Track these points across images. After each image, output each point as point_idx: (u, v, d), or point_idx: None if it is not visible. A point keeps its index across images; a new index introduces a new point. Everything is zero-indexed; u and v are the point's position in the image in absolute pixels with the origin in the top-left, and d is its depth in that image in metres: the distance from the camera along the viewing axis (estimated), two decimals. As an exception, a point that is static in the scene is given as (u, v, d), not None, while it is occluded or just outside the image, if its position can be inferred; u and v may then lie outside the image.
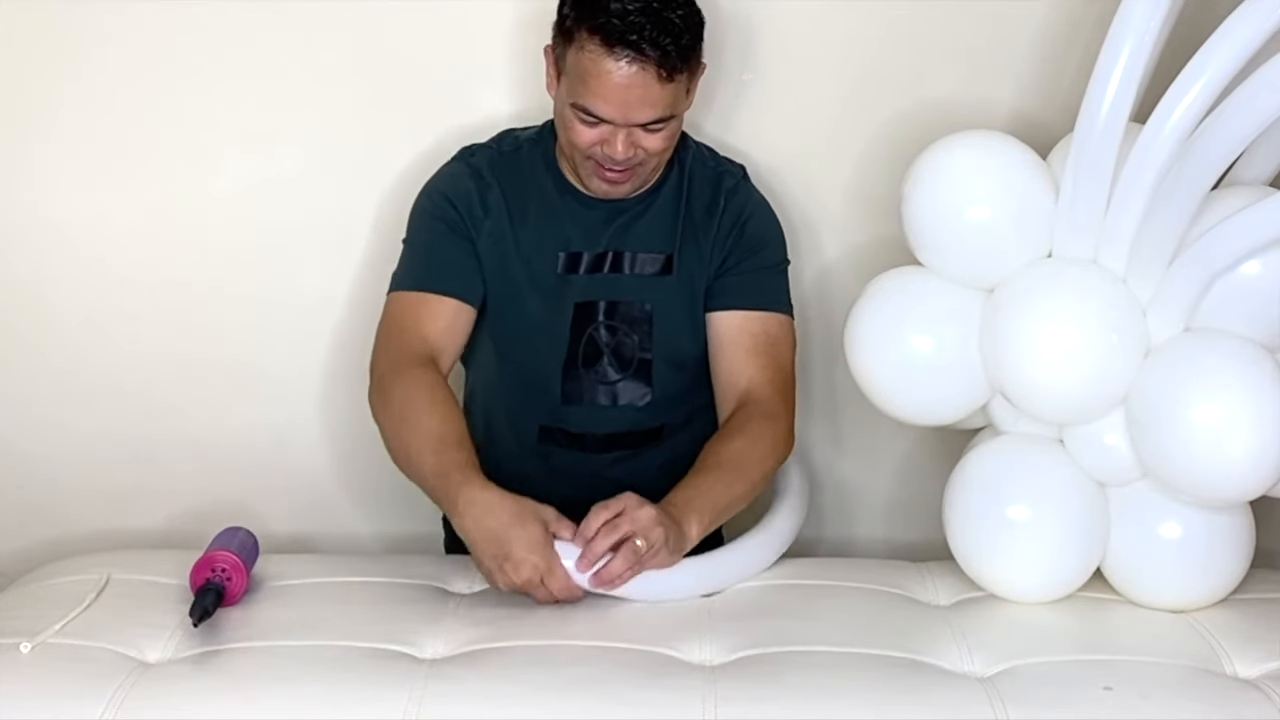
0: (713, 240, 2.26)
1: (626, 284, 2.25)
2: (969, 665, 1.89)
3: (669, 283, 2.25)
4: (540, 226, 2.23)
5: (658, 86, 2.05)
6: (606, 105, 2.06)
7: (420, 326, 2.18)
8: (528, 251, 2.23)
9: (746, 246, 2.27)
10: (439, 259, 2.22)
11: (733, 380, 2.24)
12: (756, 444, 2.18)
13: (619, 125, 2.08)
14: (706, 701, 1.75)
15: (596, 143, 2.11)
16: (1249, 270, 1.97)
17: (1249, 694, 1.83)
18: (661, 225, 2.25)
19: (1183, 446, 1.96)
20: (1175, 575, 2.06)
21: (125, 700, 1.74)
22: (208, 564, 1.97)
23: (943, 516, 2.16)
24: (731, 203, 2.27)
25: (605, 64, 2.03)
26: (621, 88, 2.05)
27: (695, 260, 2.26)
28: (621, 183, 2.17)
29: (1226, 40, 1.88)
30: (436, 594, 2.07)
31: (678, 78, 2.07)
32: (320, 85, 2.48)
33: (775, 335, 2.27)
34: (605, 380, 2.27)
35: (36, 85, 2.45)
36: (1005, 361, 2.06)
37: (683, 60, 2.06)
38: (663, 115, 2.09)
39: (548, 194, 2.24)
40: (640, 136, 2.10)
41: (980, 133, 2.17)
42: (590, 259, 2.24)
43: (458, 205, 2.22)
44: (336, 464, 2.60)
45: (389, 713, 1.72)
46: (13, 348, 2.56)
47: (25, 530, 2.60)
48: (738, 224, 2.27)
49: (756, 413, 2.20)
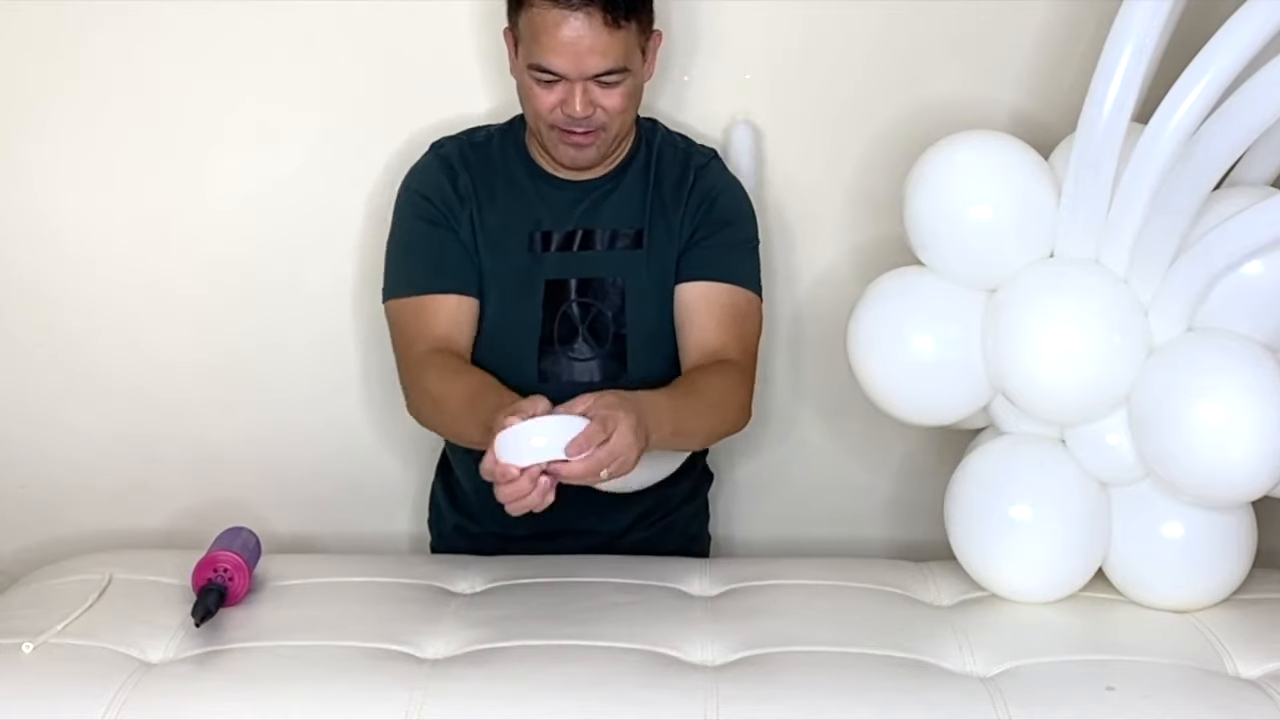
0: (682, 215, 2.27)
1: (598, 260, 2.27)
2: (971, 665, 1.89)
3: (639, 256, 2.27)
4: (510, 208, 2.26)
5: (606, 34, 2.09)
6: (559, 59, 2.10)
7: (425, 330, 2.20)
8: (498, 234, 2.25)
9: (716, 220, 2.28)
10: (427, 258, 2.24)
11: (701, 345, 2.23)
12: (730, 393, 2.20)
13: (574, 80, 2.11)
14: (708, 701, 1.75)
15: (556, 104, 2.14)
16: (1251, 270, 1.97)
17: (1251, 694, 1.83)
18: (631, 202, 2.27)
19: (1185, 446, 1.96)
20: (1177, 575, 2.06)
21: (127, 700, 1.74)
22: (210, 564, 1.98)
23: (945, 516, 2.16)
24: (701, 179, 2.29)
25: (552, 15, 2.08)
26: (571, 40, 2.08)
27: (665, 235, 2.27)
28: (586, 146, 2.19)
29: (1228, 40, 1.88)
30: (438, 594, 2.07)
31: (625, 24, 2.10)
32: (321, 85, 2.48)
33: (743, 309, 2.27)
34: (580, 357, 2.28)
35: (34, 87, 2.45)
36: (1007, 361, 2.06)
37: (629, 8, 2.10)
38: (615, 66, 2.12)
39: (518, 178, 2.27)
40: (597, 93, 2.13)
41: (982, 133, 2.17)
42: (561, 237, 2.26)
43: (434, 199, 2.25)
44: (339, 464, 2.60)
45: (390, 713, 1.72)
46: (14, 348, 2.56)
47: (27, 530, 2.60)
48: (707, 198, 2.28)
49: (731, 366, 2.21)
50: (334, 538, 2.62)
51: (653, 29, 2.19)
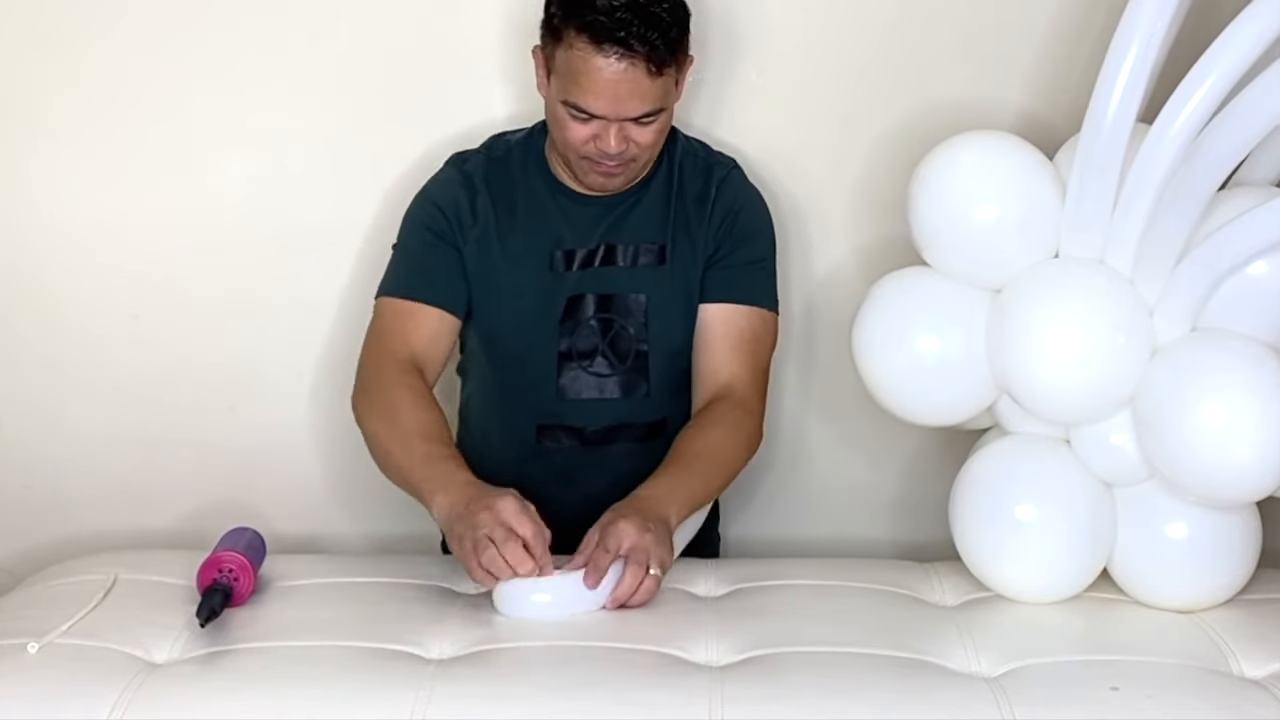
0: (705, 229, 2.27)
1: (620, 276, 2.26)
2: (975, 665, 1.89)
3: (663, 273, 2.26)
4: (532, 226, 2.25)
5: (647, 81, 2.07)
6: (597, 101, 2.08)
7: (407, 335, 2.21)
8: (519, 252, 2.24)
9: (739, 237, 2.28)
10: (426, 268, 2.24)
11: (713, 372, 2.26)
12: (734, 435, 2.22)
13: (611, 120, 2.10)
14: (713, 702, 1.75)
15: (589, 139, 2.13)
16: (1256, 271, 1.97)
17: (1256, 694, 1.83)
18: (653, 216, 2.27)
19: (1189, 447, 1.96)
20: (1182, 575, 2.06)
21: (132, 701, 1.74)
22: (215, 564, 1.98)
23: (949, 517, 2.16)
24: (723, 192, 2.29)
25: (595, 61, 2.05)
26: (611, 84, 2.06)
27: (689, 249, 2.27)
28: (616, 175, 2.19)
29: (1234, 41, 1.88)
30: (443, 594, 2.07)
31: (666, 71, 2.09)
32: (323, 86, 2.48)
33: (758, 332, 2.29)
34: (600, 373, 2.28)
35: (38, 88, 2.46)
36: (1012, 362, 2.06)
37: (670, 53, 2.08)
38: (653, 109, 2.11)
39: (539, 194, 2.26)
40: (632, 130, 2.12)
41: (987, 133, 2.17)
42: (583, 255, 2.25)
43: (446, 213, 2.24)
44: (343, 464, 2.60)
45: (396, 713, 1.72)
46: (18, 349, 2.56)
47: (32, 531, 2.60)
48: (730, 213, 2.28)
49: (735, 405, 2.23)
50: (339, 538, 2.62)
51: (688, 55, 2.17)
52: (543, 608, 1.95)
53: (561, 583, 1.96)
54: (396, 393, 2.15)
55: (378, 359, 2.20)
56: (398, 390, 2.15)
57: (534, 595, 1.95)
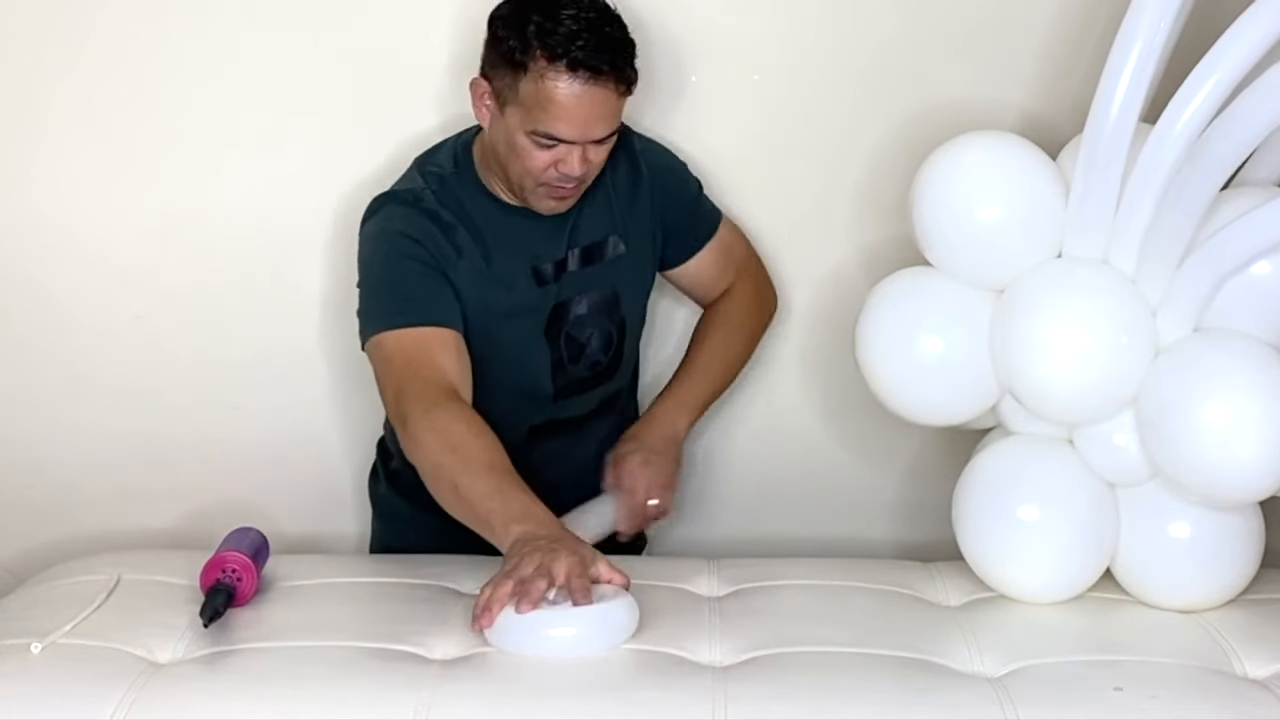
0: (648, 202, 2.32)
1: (593, 275, 2.29)
2: (979, 666, 1.89)
3: (627, 260, 2.31)
4: (507, 249, 2.24)
5: (615, 101, 2.12)
6: (568, 127, 2.09)
7: (435, 360, 2.12)
8: (506, 277, 2.23)
9: (672, 192, 2.36)
10: (427, 295, 2.17)
11: (715, 294, 2.46)
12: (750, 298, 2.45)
13: (575, 143, 2.11)
14: (716, 702, 1.75)
15: (551, 164, 2.13)
16: (1259, 270, 1.97)
17: (1259, 694, 1.83)
18: (602, 210, 2.29)
19: (1192, 447, 1.95)
20: (1185, 576, 2.06)
21: (136, 701, 1.74)
22: (218, 564, 1.97)
23: (952, 517, 2.16)
24: (647, 160, 2.33)
25: (572, 88, 2.07)
26: (585, 108, 2.09)
27: (639, 228, 2.32)
28: (571, 197, 2.21)
29: (1237, 40, 1.88)
30: (446, 594, 2.07)
31: (632, 89, 2.13)
32: (328, 85, 2.48)
33: (727, 242, 2.43)
34: (588, 371, 2.33)
35: (36, 90, 2.46)
36: (1015, 362, 2.06)
37: (634, 72, 2.13)
38: (615, 128, 2.15)
39: (496, 219, 2.24)
40: (591, 151, 2.14)
41: (990, 133, 2.17)
42: (556, 265, 2.27)
43: (425, 244, 2.18)
44: (347, 464, 2.60)
45: (399, 713, 1.72)
46: (21, 349, 2.56)
47: (35, 531, 2.60)
48: (658, 176, 2.33)
49: (740, 286, 2.45)
50: (342, 538, 2.62)
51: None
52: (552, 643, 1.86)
53: (565, 615, 1.86)
54: (454, 424, 2.06)
55: (419, 388, 2.09)
56: (455, 422, 2.06)
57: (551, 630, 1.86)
